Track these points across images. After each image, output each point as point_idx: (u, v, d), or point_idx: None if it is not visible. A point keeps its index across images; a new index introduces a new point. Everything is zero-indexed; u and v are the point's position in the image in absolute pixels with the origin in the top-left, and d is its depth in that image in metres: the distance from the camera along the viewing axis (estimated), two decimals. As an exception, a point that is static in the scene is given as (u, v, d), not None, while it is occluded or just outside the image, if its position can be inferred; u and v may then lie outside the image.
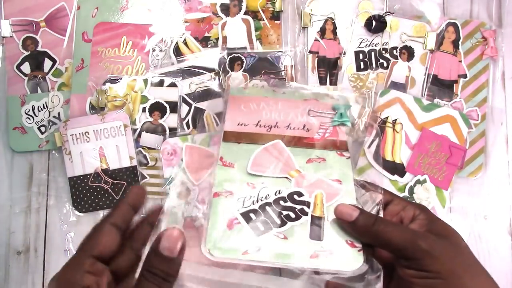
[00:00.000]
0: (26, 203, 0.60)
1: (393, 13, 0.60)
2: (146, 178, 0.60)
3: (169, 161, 0.59)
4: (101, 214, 0.60)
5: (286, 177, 0.40)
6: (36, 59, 0.61)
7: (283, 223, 0.37)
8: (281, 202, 0.39)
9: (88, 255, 0.31)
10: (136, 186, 0.37)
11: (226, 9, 0.61)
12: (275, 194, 0.39)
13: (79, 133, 0.59)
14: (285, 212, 0.38)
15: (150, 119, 0.60)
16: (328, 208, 0.38)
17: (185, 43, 0.61)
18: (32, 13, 0.62)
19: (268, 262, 0.35)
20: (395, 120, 0.58)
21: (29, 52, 0.62)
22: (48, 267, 0.59)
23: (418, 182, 0.57)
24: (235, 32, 0.61)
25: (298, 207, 0.38)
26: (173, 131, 0.60)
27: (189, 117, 0.60)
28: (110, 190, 0.59)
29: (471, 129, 0.59)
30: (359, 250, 0.36)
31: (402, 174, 0.57)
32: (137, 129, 0.60)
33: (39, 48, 0.62)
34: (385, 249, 0.34)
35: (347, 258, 0.36)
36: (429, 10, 0.61)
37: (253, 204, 0.38)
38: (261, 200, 0.39)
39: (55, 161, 0.60)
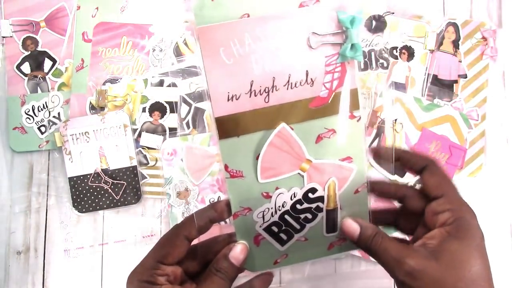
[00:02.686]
0: (26, 203, 0.60)
1: (393, 13, 0.60)
2: (146, 178, 0.60)
3: (169, 161, 0.59)
4: (101, 214, 0.60)
5: (298, 173, 0.38)
6: (36, 59, 0.61)
7: (302, 227, 0.38)
8: (298, 206, 0.38)
9: (158, 261, 0.36)
10: (219, 202, 0.38)
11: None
12: (291, 199, 0.38)
13: (79, 133, 0.59)
14: (302, 216, 0.38)
15: (150, 119, 0.60)
16: (340, 196, 0.38)
17: (185, 43, 0.61)
18: (32, 13, 0.62)
19: (295, 264, 0.39)
20: (395, 120, 0.58)
21: (29, 52, 0.62)
22: (48, 267, 0.59)
23: (418, 182, 0.57)
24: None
25: (314, 205, 0.38)
26: (173, 131, 0.60)
27: (189, 117, 0.60)
28: (110, 190, 0.59)
29: (471, 129, 0.59)
30: None
31: (402, 174, 0.57)
32: (137, 129, 0.60)
33: (39, 48, 0.62)
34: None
35: None
36: (429, 10, 0.61)
37: (272, 216, 0.38)
38: (279, 210, 0.38)
39: (55, 161, 0.60)
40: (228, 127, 0.35)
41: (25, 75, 0.61)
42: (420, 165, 0.37)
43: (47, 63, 0.62)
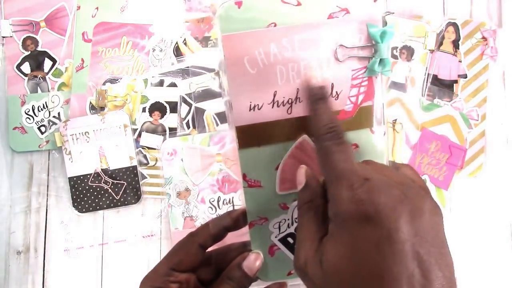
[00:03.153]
0: (26, 203, 0.60)
1: (393, 13, 0.60)
2: (146, 178, 0.60)
3: (169, 161, 0.59)
4: (101, 214, 0.60)
5: None
6: (36, 59, 0.61)
7: None
8: None
9: (171, 268, 0.36)
10: (236, 211, 0.37)
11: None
12: None
13: (79, 133, 0.59)
14: None
15: (150, 119, 0.60)
16: None
17: (185, 43, 0.61)
18: (32, 13, 0.62)
19: None
20: (395, 120, 0.58)
21: (29, 52, 0.62)
22: (48, 267, 0.59)
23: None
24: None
25: None
26: (173, 131, 0.60)
27: (189, 117, 0.60)
28: (110, 190, 0.59)
29: (471, 129, 0.59)
30: None
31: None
32: (137, 129, 0.60)
33: (39, 48, 0.62)
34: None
35: None
36: (429, 10, 0.61)
37: (289, 227, 0.37)
38: (296, 222, 0.37)
39: (55, 161, 0.60)
40: (249, 137, 0.35)
41: (25, 75, 0.61)
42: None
43: (47, 63, 0.62)
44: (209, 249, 0.38)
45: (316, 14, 0.33)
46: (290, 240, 0.37)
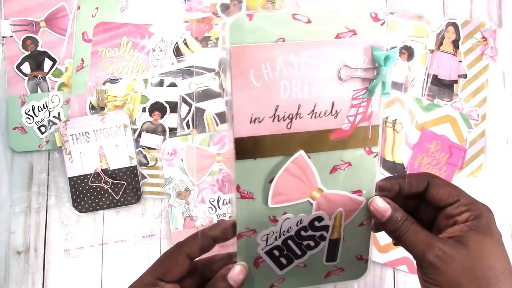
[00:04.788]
0: (26, 203, 0.60)
1: (393, 13, 0.60)
2: (146, 178, 0.60)
3: (169, 161, 0.59)
4: (101, 214, 0.60)
5: (308, 201, 0.37)
6: (36, 59, 0.61)
7: (303, 254, 0.38)
8: (302, 233, 0.38)
9: (157, 278, 0.36)
10: (225, 222, 0.37)
11: (226, 9, 0.61)
12: (297, 225, 0.38)
13: (79, 133, 0.59)
14: (305, 242, 0.38)
15: (150, 119, 0.60)
16: (345, 227, 0.38)
17: (185, 43, 0.61)
18: (32, 13, 0.62)
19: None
20: (395, 120, 0.58)
21: (29, 52, 0.62)
22: (48, 267, 0.59)
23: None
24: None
25: (318, 233, 0.38)
26: (173, 131, 0.60)
27: (189, 117, 0.60)
28: (110, 190, 0.59)
29: (471, 129, 0.59)
30: (365, 262, 0.39)
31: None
32: (137, 129, 0.60)
33: (39, 48, 0.62)
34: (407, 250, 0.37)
35: (355, 270, 0.40)
36: (429, 10, 0.61)
37: (276, 240, 0.38)
38: (283, 235, 0.38)
39: (55, 161, 0.60)
40: (246, 149, 0.35)
41: (25, 75, 0.61)
42: (423, 184, 0.37)
43: (47, 63, 0.62)
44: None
45: (324, 33, 0.34)
46: (276, 252, 0.38)
